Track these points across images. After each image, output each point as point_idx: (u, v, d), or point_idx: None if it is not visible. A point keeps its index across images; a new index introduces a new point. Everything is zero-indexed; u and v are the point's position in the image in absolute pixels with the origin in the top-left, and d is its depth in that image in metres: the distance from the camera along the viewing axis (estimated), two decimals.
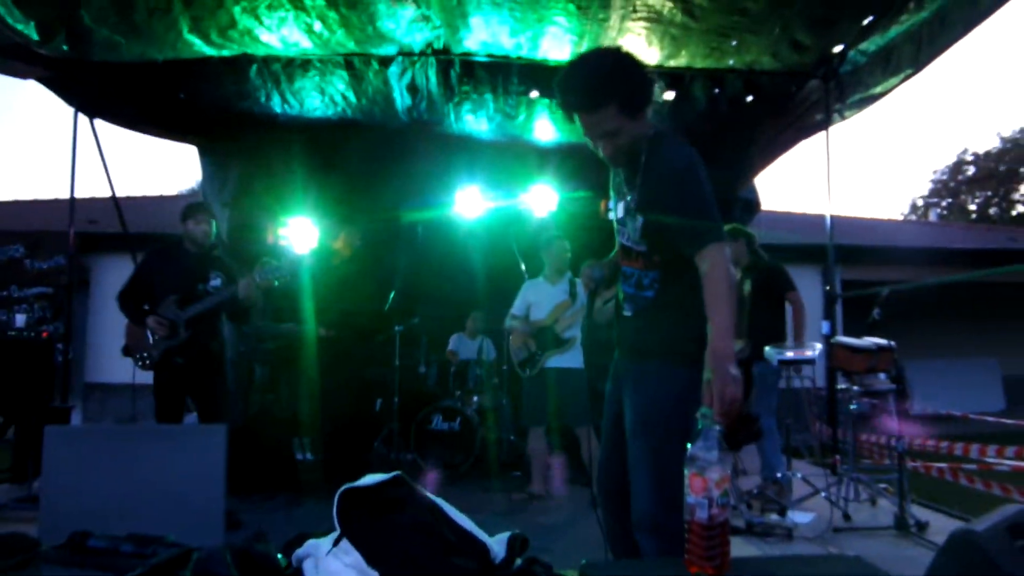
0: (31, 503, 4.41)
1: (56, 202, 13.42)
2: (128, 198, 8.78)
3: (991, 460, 5.32)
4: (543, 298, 5.30)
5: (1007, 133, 30.62)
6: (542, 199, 6.51)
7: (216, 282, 4.47)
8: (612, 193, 2.38)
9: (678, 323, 2.13)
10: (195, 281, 4.47)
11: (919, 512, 4.22)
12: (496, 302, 6.34)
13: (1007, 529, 1.55)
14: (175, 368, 4.39)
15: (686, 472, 1.56)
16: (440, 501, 1.85)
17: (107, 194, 6.32)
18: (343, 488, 1.76)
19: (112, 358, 10.93)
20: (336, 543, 1.74)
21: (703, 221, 2.04)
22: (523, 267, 6.39)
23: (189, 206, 4.66)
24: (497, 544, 1.81)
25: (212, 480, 3.24)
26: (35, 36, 4.65)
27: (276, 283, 4.41)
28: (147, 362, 4.44)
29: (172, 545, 1.93)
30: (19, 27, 4.48)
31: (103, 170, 6.13)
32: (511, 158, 6.53)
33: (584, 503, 4.98)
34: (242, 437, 5.18)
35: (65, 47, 4.86)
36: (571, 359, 5.14)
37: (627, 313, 2.28)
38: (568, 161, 6.49)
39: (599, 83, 2.07)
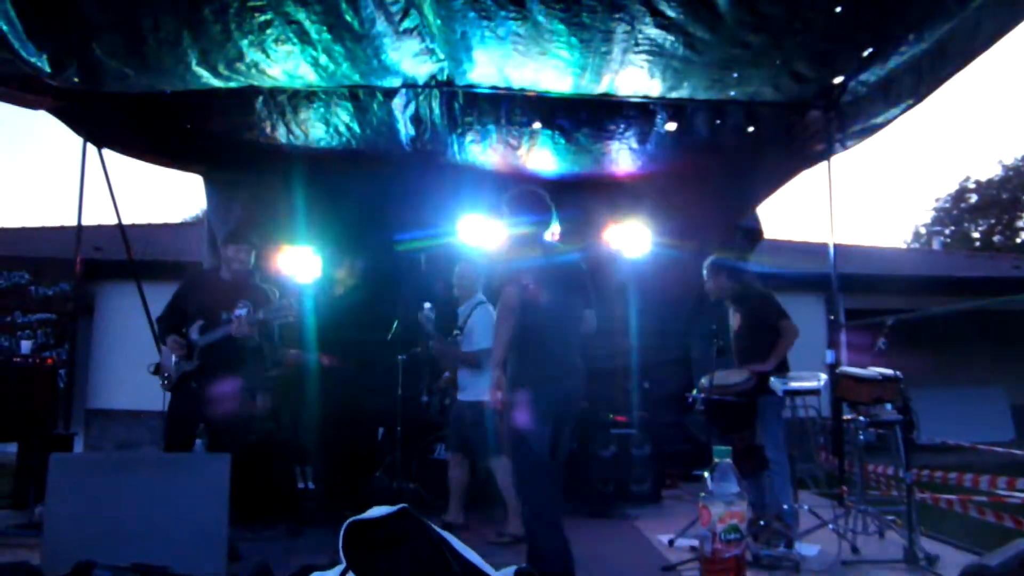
0: (32, 529, 4.38)
1: (62, 229, 13.47)
2: (133, 225, 8.82)
3: (1002, 492, 5.23)
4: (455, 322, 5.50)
5: (1009, 161, 30.62)
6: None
7: (242, 311, 4.34)
8: None
9: None
10: (220, 309, 4.41)
11: (929, 545, 4.15)
12: None
13: (1021, 564, 1.54)
14: (189, 393, 4.42)
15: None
16: (446, 534, 1.84)
17: (112, 221, 6.35)
18: (349, 521, 1.74)
19: (114, 384, 10.90)
20: None
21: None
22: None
23: (229, 232, 4.77)
24: None
25: (215, 509, 3.23)
26: (47, 68, 4.72)
27: (277, 324, 4.52)
28: (168, 383, 4.53)
29: None
30: (32, 59, 4.56)
31: (110, 198, 6.17)
32: (513, 189, 6.55)
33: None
34: (244, 466, 5.13)
35: (76, 79, 4.93)
36: (473, 394, 5.05)
37: None
38: (569, 192, 6.52)
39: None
